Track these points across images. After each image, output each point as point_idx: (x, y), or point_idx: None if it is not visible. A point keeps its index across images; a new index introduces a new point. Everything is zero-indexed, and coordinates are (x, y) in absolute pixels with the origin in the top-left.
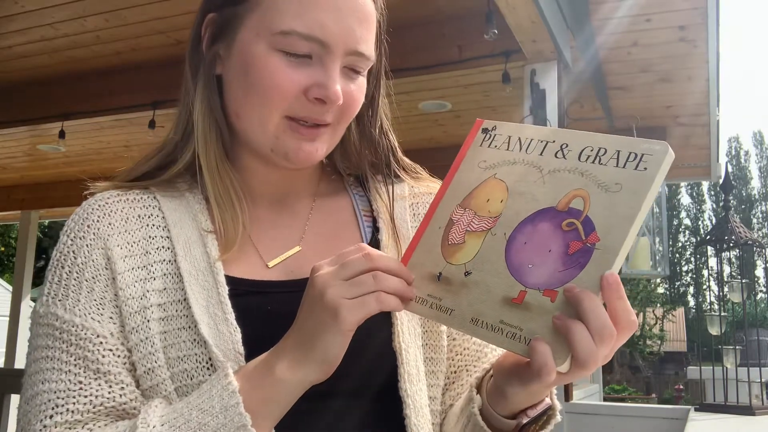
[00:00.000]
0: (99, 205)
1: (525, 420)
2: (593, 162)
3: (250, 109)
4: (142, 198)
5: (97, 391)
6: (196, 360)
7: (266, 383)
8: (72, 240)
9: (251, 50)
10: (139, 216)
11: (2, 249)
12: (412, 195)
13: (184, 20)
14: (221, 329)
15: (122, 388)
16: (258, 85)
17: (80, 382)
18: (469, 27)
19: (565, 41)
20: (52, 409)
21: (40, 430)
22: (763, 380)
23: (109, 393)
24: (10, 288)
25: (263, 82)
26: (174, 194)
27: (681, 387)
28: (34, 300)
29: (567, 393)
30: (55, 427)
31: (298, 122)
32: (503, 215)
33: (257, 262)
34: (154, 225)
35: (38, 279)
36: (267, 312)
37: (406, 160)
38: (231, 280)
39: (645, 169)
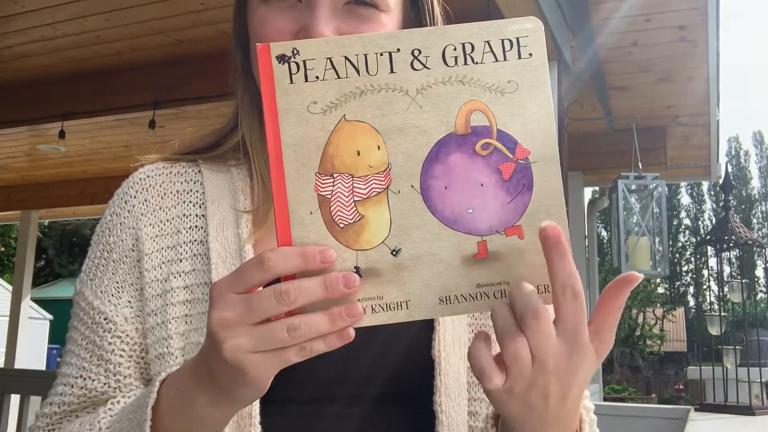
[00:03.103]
0: (140, 179)
1: None
2: (466, 63)
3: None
4: (186, 171)
5: (92, 382)
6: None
7: (187, 415)
8: (110, 215)
9: (250, 12)
10: (177, 191)
11: (2, 249)
12: None
13: (184, 20)
14: None
15: (118, 380)
16: (255, 40)
17: (83, 368)
18: None
19: (565, 41)
20: (53, 396)
21: (41, 417)
22: (763, 380)
23: (104, 384)
24: (10, 288)
25: (258, 36)
26: (221, 168)
27: (681, 387)
28: (34, 300)
29: None
30: (54, 416)
31: None
32: (393, 165)
33: None
34: (190, 202)
35: (38, 279)
36: None
37: None
38: None
39: (530, 55)
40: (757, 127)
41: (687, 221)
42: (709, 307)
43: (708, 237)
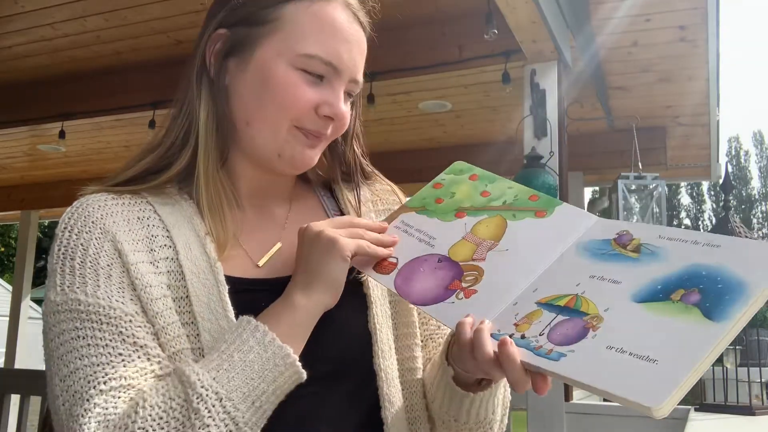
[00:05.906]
0: (99, 205)
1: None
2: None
3: (263, 118)
4: (136, 202)
5: (139, 364)
6: (194, 353)
7: (287, 312)
8: (77, 235)
9: (272, 66)
10: (138, 218)
11: (2, 249)
12: (372, 192)
13: (184, 20)
14: (222, 324)
15: (159, 362)
16: (277, 96)
17: (120, 354)
18: (469, 27)
19: (565, 41)
20: (102, 377)
21: (96, 395)
22: (763, 380)
23: (150, 366)
24: (10, 288)
25: (283, 94)
26: (166, 200)
27: None
28: (34, 300)
29: (567, 393)
30: (111, 391)
31: (303, 131)
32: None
33: (247, 262)
34: (154, 225)
35: (38, 279)
36: (261, 309)
37: (369, 167)
38: (227, 279)
39: None
40: (757, 127)
41: (687, 221)
42: None
43: None
